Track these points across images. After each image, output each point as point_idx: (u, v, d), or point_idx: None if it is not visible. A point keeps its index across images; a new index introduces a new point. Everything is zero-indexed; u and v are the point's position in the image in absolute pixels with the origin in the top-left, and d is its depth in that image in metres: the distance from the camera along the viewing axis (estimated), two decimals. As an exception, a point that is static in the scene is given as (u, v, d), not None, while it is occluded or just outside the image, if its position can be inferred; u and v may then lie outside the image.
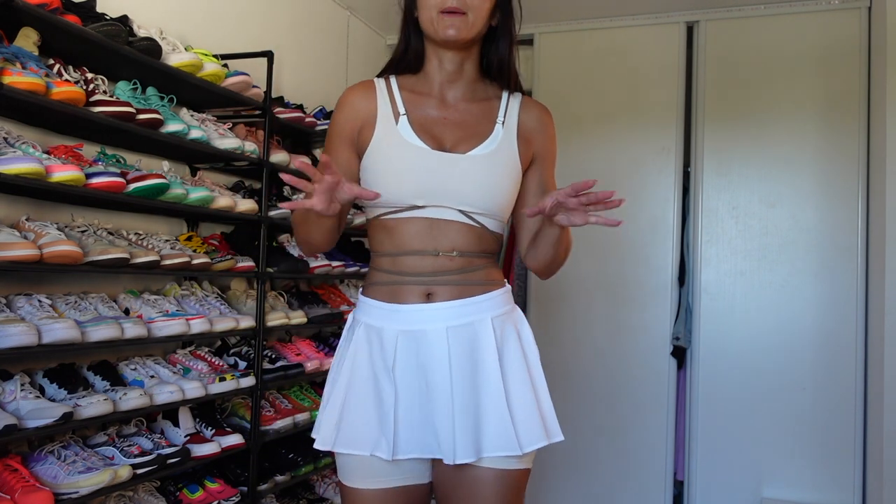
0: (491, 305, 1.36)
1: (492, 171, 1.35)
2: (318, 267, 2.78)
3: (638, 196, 3.52)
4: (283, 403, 2.68)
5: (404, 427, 1.30)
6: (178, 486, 2.23)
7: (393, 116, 1.37)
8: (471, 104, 1.41)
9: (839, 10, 3.27)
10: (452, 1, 1.29)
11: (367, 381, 1.33)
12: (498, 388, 1.30)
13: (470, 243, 1.36)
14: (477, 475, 1.30)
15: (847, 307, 3.19)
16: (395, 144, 1.35)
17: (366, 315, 1.37)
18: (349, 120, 1.39)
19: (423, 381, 1.31)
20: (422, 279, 1.34)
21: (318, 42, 3.41)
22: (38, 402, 1.74)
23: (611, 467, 3.49)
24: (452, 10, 1.29)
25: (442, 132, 1.37)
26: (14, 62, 1.69)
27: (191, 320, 2.15)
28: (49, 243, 1.75)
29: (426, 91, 1.41)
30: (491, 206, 1.35)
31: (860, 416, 3.15)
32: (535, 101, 1.47)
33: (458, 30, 1.31)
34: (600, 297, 3.51)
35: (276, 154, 2.61)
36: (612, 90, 3.59)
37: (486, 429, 1.29)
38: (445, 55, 1.38)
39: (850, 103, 3.23)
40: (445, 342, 1.31)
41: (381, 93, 1.40)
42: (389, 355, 1.32)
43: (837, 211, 3.23)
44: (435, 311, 1.33)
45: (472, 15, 1.31)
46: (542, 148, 1.44)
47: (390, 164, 1.34)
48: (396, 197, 1.32)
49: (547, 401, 1.37)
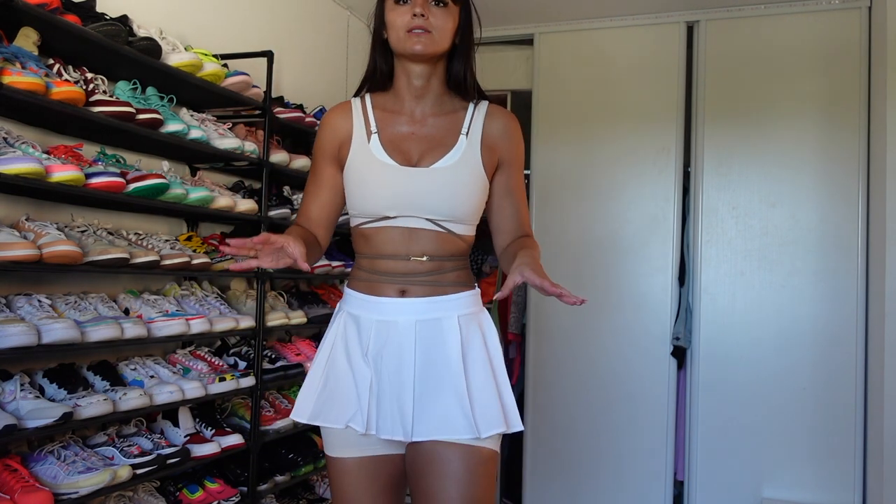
0: (458, 305, 1.49)
1: (454, 181, 1.47)
2: (318, 267, 2.78)
3: (638, 196, 3.52)
4: (283, 403, 2.68)
5: (376, 406, 1.43)
6: (177, 487, 2.23)
7: (366, 135, 1.50)
8: (438, 118, 1.53)
9: (839, 10, 3.26)
10: (419, 20, 1.42)
11: (344, 362, 1.46)
12: (459, 377, 1.43)
13: (439, 248, 1.48)
14: (444, 453, 1.41)
15: (847, 307, 3.19)
16: (367, 162, 1.48)
17: (348, 304, 1.52)
18: (329, 140, 1.54)
19: (393, 366, 1.44)
20: (396, 279, 1.48)
21: (318, 42, 3.41)
22: (37, 402, 1.74)
23: (611, 467, 3.49)
24: (419, 27, 1.42)
25: (409, 147, 1.49)
26: (14, 62, 1.69)
27: (191, 320, 2.15)
28: (49, 243, 1.75)
29: (397, 108, 1.53)
30: (456, 213, 1.47)
31: (860, 415, 3.15)
32: (500, 109, 1.57)
33: (425, 45, 1.43)
34: (600, 297, 3.51)
35: (275, 154, 2.60)
36: (612, 90, 3.59)
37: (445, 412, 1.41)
38: (413, 70, 1.50)
39: (850, 103, 3.23)
40: (413, 333, 1.45)
41: (357, 112, 1.54)
42: (365, 340, 1.47)
43: (838, 211, 3.23)
44: (407, 305, 1.47)
45: (436, 33, 1.44)
46: (506, 153, 1.54)
47: (363, 179, 1.48)
48: (370, 209, 1.47)
49: (508, 394, 1.48)
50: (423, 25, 1.42)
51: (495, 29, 3.76)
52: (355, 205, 1.49)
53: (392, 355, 1.44)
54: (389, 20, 1.47)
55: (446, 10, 1.46)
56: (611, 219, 3.56)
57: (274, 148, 2.63)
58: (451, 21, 1.46)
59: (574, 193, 3.62)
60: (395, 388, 1.43)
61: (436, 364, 1.44)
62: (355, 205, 1.49)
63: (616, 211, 3.55)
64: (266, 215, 2.53)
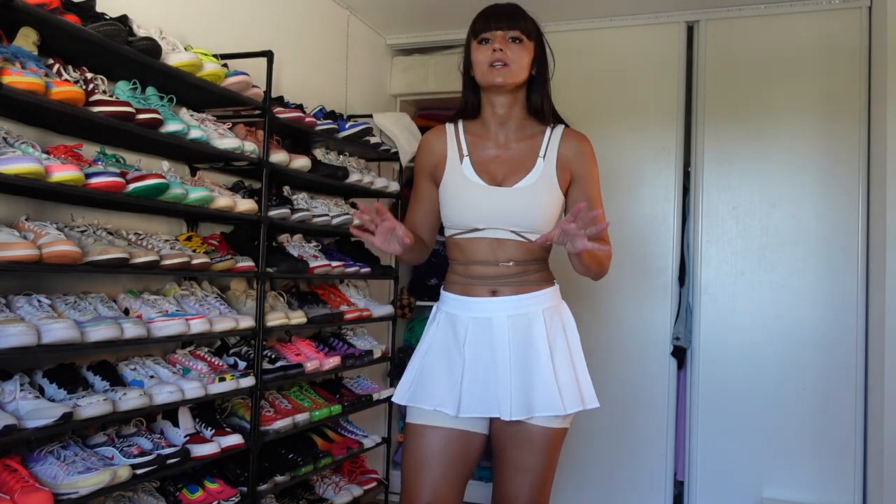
0: (542, 300, 1.75)
1: (533, 199, 1.71)
2: (318, 267, 2.78)
3: (638, 196, 3.52)
4: (283, 403, 2.68)
5: (468, 390, 1.66)
6: (177, 487, 2.23)
7: (459, 157, 1.76)
8: (520, 142, 1.77)
9: (839, 10, 3.26)
10: (498, 55, 1.67)
11: (441, 353, 1.72)
12: (547, 363, 1.67)
13: (522, 254, 1.73)
14: (528, 430, 1.68)
15: (847, 307, 3.19)
16: (461, 181, 1.74)
17: (445, 305, 1.77)
18: (427, 160, 1.80)
19: (488, 356, 1.68)
20: (487, 281, 1.73)
21: (318, 42, 3.41)
22: (37, 403, 1.74)
23: (611, 467, 3.49)
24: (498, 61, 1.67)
25: (496, 169, 1.75)
26: (13, 62, 1.69)
27: (190, 320, 2.15)
28: (48, 243, 1.75)
29: (485, 134, 1.78)
30: (535, 225, 1.71)
31: (860, 416, 3.15)
32: (573, 132, 1.81)
33: (504, 77, 1.68)
34: (600, 296, 3.51)
35: (275, 154, 2.60)
36: (613, 90, 3.59)
37: (537, 394, 1.65)
38: (496, 101, 1.75)
39: (850, 103, 3.23)
40: (506, 327, 1.69)
41: (451, 137, 1.80)
42: (461, 335, 1.71)
43: (838, 211, 3.23)
44: (499, 303, 1.71)
45: (513, 66, 1.68)
46: (579, 170, 1.78)
47: (457, 197, 1.73)
48: (463, 222, 1.73)
49: (585, 375, 1.74)
50: (501, 59, 1.67)
51: (495, 29, 3.75)
52: (450, 217, 1.75)
53: (487, 347, 1.68)
54: (474, 59, 1.72)
55: (522, 46, 1.70)
56: (610, 219, 3.52)
57: (274, 148, 2.63)
58: (526, 55, 1.71)
59: (574, 193, 3.62)
60: (490, 374, 1.67)
61: (527, 353, 1.68)
62: (450, 217, 1.75)
63: (616, 211, 3.55)
64: (266, 215, 2.52)
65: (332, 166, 2.92)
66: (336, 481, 2.96)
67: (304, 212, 2.75)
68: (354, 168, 3.11)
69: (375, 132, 3.36)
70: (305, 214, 2.75)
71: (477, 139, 1.77)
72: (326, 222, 2.85)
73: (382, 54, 4.01)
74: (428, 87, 3.96)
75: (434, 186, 1.80)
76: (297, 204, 2.79)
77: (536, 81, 1.76)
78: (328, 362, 2.78)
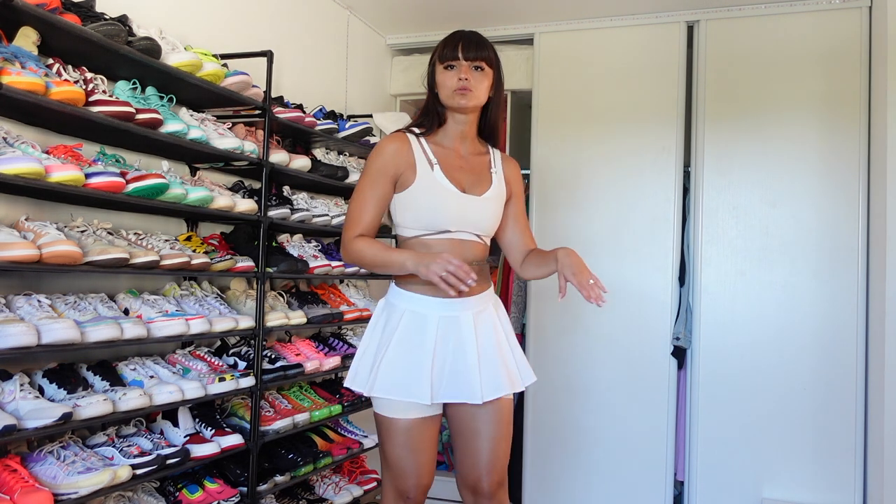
0: (491, 296, 2.01)
1: (494, 208, 1.98)
2: (318, 267, 2.78)
3: (638, 196, 3.52)
4: (283, 404, 2.68)
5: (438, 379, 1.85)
6: (177, 487, 2.23)
7: (429, 164, 1.91)
8: (474, 157, 2.00)
9: (839, 10, 3.26)
10: (463, 83, 1.88)
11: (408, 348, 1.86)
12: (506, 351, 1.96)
13: (479, 255, 1.97)
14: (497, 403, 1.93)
15: (848, 307, 3.19)
16: (434, 186, 1.89)
17: (410, 303, 1.90)
18: (393, 162, 1.90)
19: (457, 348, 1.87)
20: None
21: (318, 42, 3.41)
22: (37, 403, 1.74)
23: (611, 467, 3.49)
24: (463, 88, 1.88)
25: (461, 178, 1.94)
26: (13, 62, 1.69)
27: (190, 320, 2.15)
28: (48, 243, 1.75)
29: (448, 146, 1.97)
30: (491, 230, 2.00)
31: (860, 416, 3.15)
32: (507, 156, 2.11)
33: (468, 100, 1.90)
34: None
35: (275, 154, 2.60)
36: (613, 90, 3.59)
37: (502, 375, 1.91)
38: (459, 118, 1.96)
39: (850, 103, 3.23)
40: (472, 323, 1.90)
41: (416, 145, 1.94)
42: (430, 331, 1.86)
43: (838, 211, 3.23)
44: (465, 303, 1.90)
45: (476, 91, 1.90)
46: (515, 189, 2.08)
47: (431, 201, 1.89)
48: (435, 225, 1.89)
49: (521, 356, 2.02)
50: (466, 86, 1.88)
51: (495, 29, 3.76)
52: (421, 219, 1.89)
53: (454, 340, 1.87)
54: (441, 81, 1.92)
55: (483, 74, 1.91)
56: (611, 219, 3.56)
57: (273, 148, 2.63)
58: (487, 81, 1.92)
59: (574, 193, 3.62)
60: (460, 365, 1.86)
61: (488, 343, 1.91)
62: (421, 219, 1.89)
63: (616, 211, 3.55)
64: (265, 215, 2.52)
65: (332, 166, 2.91)
66: (336, 481, 2.96)
67: (304, 212, 2.75)
68: (354, 168, 3.11)
69: (375, 132, 3.36)
70: (305, 214, 2.75)
71: (440, 149, 1.95)
72: (326, 222, 2.85)
73: (382, 54, 4.00)
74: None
75: (393, 189, 1.91)
76: (296, 204, 2.79)
77: (493, 102, 1.98)
78: (328, 362, 2.78)
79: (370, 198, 1.89)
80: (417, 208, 1.89)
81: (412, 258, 1.80)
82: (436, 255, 1.77)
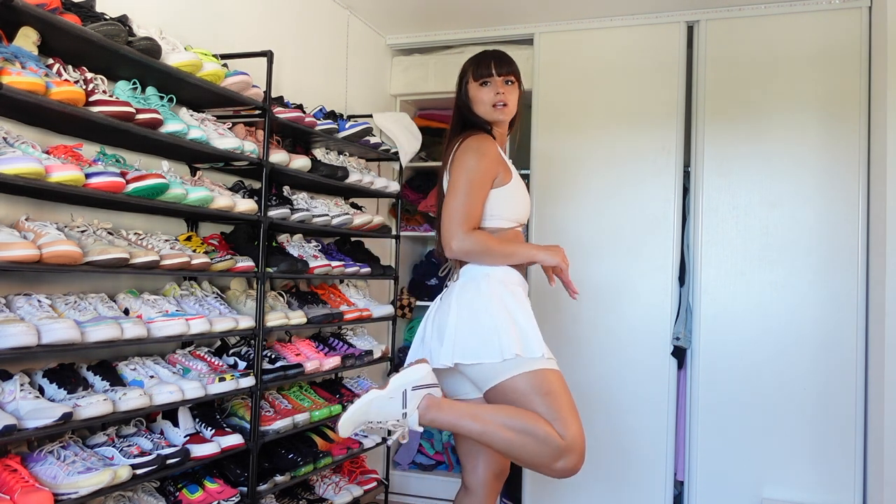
0: None
1: None
2: (318, 267, 2.78)
3: (638, 196, 3.52)
4: (283, 404, 2.68)
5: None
6: (177, 487, 2.23)
7: (512, 164, 2.17)
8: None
9: (839, 10, 3.26)
10: (500, 97, 2.12)
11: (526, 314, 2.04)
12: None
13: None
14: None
15: (847, 307, 3.19)
16: (521, 185, 2.15)
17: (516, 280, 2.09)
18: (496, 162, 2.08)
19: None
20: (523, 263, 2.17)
21: (318, 42, 3.41)
22: (37, 403, 1.74)
23: (611, 467, 3.49)
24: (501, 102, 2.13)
25: None
26: (13, 62, 1.69)
27: (190, 320, 2.15)
28: (48, 243, 1.75)
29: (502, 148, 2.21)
30: None
31: (860, 416, 3.15)
32: None
33: (506, 114, 2.16)
34: (601, 296, 3.51)
35: (275, 154, 2.60)
36: (612, 90, 3.59)
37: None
38: (497, 130, 2.19)
39: (850, 103, 3.23)
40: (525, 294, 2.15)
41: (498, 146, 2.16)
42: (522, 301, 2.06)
43: (838, 211, 3.23)
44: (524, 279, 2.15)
45: (511, 105, 2.15)
46: None
47: (524, 197, 2.15)
48: (523, 217, 2.16)
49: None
50: (503, 100, 2.12)
51: (495, 29, 3.76)
52: (518, 213, 2.12)
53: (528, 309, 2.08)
54: (477, 97, 2.15)
55: (514, 87, 2.16)
56: (611, 219, 3.56)
57: (274, 148, 2.63)
58: (516, 92, 2.17)
59: (574, 193, 3.62)
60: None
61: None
62: (518, 213, 2.12)
63: (616, 211, 3.55)
64: (266, 215, 2.52)
65: (332, 166, 2.91)
66: (336, 481, 2.96)
67: (304, 212, 2.75)
68: (354, 168, 3.11)
69: (375, 132, 3.36)
70: (305, 214, 2.75)
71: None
72: (326, 222, 2.85)
73: (382, 54, 4.01)
74: (428, 87, 3.97)
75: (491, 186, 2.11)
76: (296, 204, 2.79)
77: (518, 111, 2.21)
78: (328, 362, 2.78)
79: (481, 196, 2.04)
80: (516, 204, 2.11)
81: (538, 248, 2.09)
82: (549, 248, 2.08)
